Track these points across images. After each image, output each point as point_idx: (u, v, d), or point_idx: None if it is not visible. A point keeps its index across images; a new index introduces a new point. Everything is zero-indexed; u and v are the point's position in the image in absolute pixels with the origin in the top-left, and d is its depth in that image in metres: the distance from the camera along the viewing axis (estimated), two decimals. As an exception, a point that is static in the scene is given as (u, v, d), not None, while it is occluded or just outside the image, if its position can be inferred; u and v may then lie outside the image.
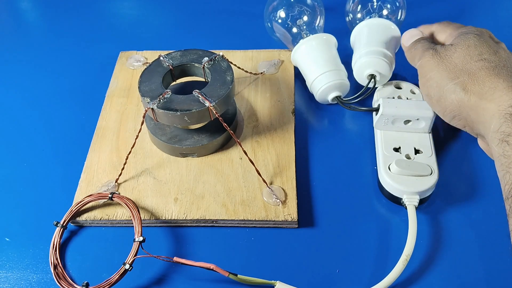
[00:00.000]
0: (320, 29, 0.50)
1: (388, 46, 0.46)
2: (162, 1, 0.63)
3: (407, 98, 0.45)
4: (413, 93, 0.46)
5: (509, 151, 0.28)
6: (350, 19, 0.51)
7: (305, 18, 0.49)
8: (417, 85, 0.47)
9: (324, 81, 0.45)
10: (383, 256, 0.37)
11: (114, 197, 0.39)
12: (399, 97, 0.46)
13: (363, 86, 0.46)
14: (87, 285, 0.36)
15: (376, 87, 0.46)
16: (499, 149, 0.29)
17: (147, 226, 0.40)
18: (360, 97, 0.45)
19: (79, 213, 0.40)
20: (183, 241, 0.39)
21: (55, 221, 0.39)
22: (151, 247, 0.38)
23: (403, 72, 0.51)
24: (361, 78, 0.46)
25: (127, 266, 0.35)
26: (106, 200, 0.40)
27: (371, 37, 0.46)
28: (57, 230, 0.39)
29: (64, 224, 0.39)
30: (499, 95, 0.30)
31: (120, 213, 0.40)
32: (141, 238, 0.37)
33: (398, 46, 0.48)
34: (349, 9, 0.51)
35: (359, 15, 0.50)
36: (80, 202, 0.39)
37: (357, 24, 0.48)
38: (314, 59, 0.46)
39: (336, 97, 0.45)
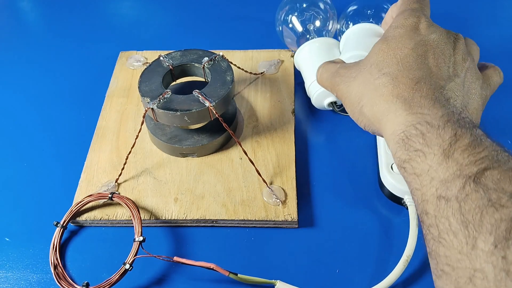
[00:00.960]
0: (331, 34, 0.49)
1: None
2: (162, 1, 0.63)
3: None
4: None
5: (407, 177, 0.27)
6: (339, 28, 0.50)
7: (317, 23, 0.48)
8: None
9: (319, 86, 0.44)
10: (383, 256, 0.37)
11: (114, 197, 0.39)
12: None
13: None
14: (87, 285, 0.36)
15: None
16: (401, 172, 0.28)
17: (147, 226, 0.40)
18: None
19: (79, 213, 0.40)
20: (183, 241, 0.39)
21: (55, 221, 0.39)
22: (151, 247, 0.38)
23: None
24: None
25: (127, 266, 0.35)
26: (106, 200, 0.40)
27: (359, 41, 0.45)
28: (57, 230, 0.39)
29: (64, 224, 0.39)
30: (392, 118, 0.29)
31: (120, 213, 0.40)
32: (141, 238, 0.37)
33: None
34: (342, 28, 0.49)
35: (351, 24, 0.48)
36: (80, 202, 0.39)
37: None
38: (313, 62, 0.45)
39: (331, 103, 0.45)
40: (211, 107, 0.39)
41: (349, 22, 0.48)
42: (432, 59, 0.31)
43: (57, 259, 0.37)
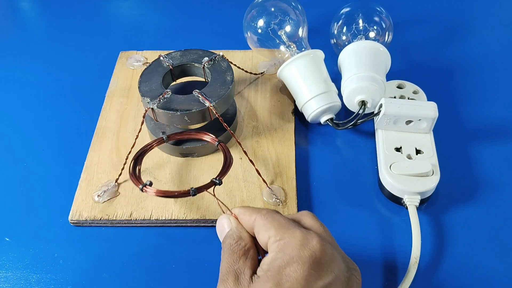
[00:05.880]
0: (304, 41, 0.47)
1: (378, 69, 0.43)
2: (162, 1, 0.63)
3: (409, 98, 0.45)
4: (416, 93, 0.46)
5: None
6: (335, 41, 0.49)
7: (288, 28, 0.47)
8: (419, 85, 0.47)
9: (315, 106, 0.43)
10: (383, 256, 0.37)
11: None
12: (401, 97, 0.46)
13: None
14: (150, 184, 0.36)
15: (377, 113, 0.42)
16: None
17: (147, 226, 0.40)
18: (353, 124, 0.43)
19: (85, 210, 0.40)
20: (183, 241, 0.39)
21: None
22: (151, 247, 0.38)
23: (404, 72, 0.51)
24: (352, 104, 0.44)
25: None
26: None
27: (360, 61, 0.44)
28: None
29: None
30: None
31: (120, 213, 0.40)
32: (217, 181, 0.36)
33: (389, 68, 0.46)
34: (334, 31, 0.49)
35: (344, 37, 0.48)
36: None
37: (343, 46, 0.46)
38: (303, 80, 0.44)
39: (328, 119, 0.44)
40: (211, 107, 0.39)
41: (343, 26, 0.48)
42: None
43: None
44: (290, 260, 0.26)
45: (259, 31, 0.48)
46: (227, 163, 0.37)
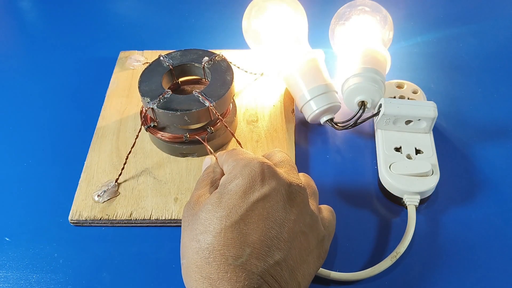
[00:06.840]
0: (304, 41, 0.47)
1: (377, 69, 0.43)
2: (162, 1, 0.63)
3: (408, 98, 0.45)
4: (415, 93, 0.46)
5: None
6: (335, 41, 0.49)
7: (287, 28, 0.46)
8: (419, 85, 0.47)
9: (315, 107, 0.43)
10: (382, 255, 0.37)
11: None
12: (401, 97, 0.46)
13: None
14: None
15: (376, 113, 0.42)
16: None
17: (147, 226, 0.40)
18: (352, 124, 0.43)
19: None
20: (183, 241, 0.39)
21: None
22: (151, 247, 0.38)
23: (404, 72, 0.51)
24: (351, 104, 0.44)
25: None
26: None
27: (359, 61, 0.44)
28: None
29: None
30: None
31: (120, 213, 0.40)
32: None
33: (389, 68, 0.46)
34: (334, 31, 0.48)
35: (344, 37, 0.47)
36: None
37: (343, 46, 0.46)
38: (303, 81, 0.44)
39: (328, 120, 0.44)
40: (211, 107, 0.39)
41: (343, 26, 0.48)
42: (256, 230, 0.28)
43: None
44: (233, 178, 0.30)
45: (259, 31, 0.48)
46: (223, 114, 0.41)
